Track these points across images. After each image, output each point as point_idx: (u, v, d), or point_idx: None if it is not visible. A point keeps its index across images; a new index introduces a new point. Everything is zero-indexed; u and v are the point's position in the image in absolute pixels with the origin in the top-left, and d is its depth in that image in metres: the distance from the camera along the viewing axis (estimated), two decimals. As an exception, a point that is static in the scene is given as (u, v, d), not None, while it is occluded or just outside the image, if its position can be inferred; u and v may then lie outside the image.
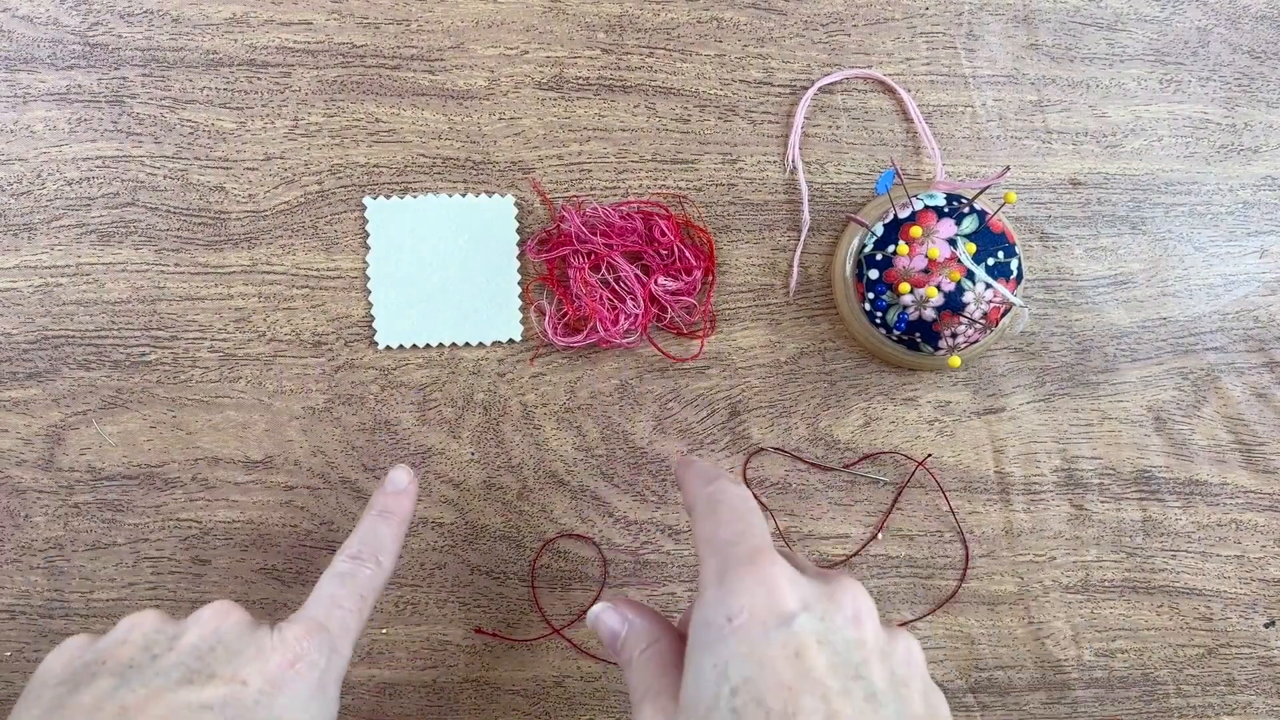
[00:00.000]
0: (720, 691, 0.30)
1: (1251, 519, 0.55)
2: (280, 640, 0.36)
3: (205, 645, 0.36)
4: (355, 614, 0.39)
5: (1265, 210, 0.55)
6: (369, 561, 0.42)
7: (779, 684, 0.29)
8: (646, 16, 0.53)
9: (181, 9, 0.51)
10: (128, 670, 0.34)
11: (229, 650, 0.35)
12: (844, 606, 0.32)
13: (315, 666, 0.36)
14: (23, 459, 0.51)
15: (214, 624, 0.36)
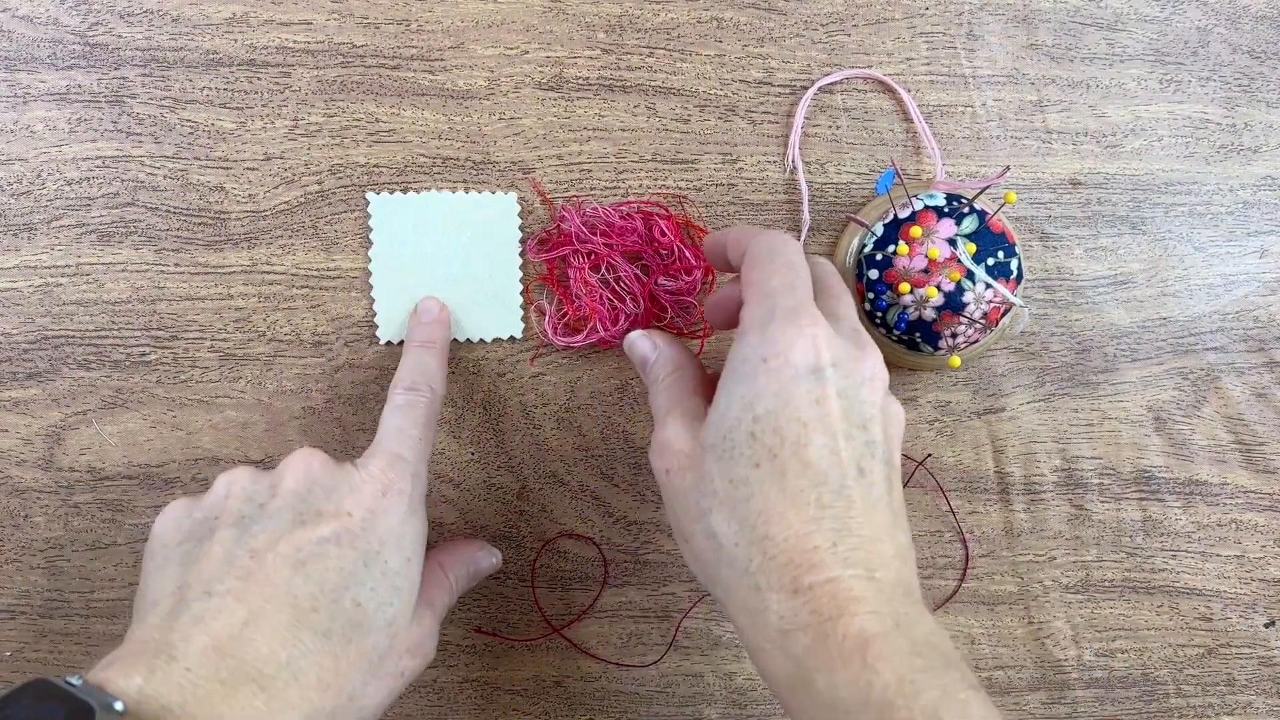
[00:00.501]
0: (744, 416, 0.35)
1: (1251, 519, 0.55)
2: (368, 474, 0.39)
3: (304, 488, 0.38)
4: (423, 440, 0.42)
5: (1265, 210, 0.55)
6: (424, 390, 0.44)
7: (797, 419, 0.34)
8: (646, 16, 0.53)
9: (181, 9, 0.51)
10: (242, 520, 0.37)
11: (325, 489, 0.38)
12: (865, 369, 0.37)
13: (403, 492, 0.39)
14: (23, 459, 0.51)
15: (303, 469, 0.39)
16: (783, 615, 0.33)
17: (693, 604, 0.53)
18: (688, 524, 0.36)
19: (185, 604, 0.35)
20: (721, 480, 0.35)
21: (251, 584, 0.35)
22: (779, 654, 0.33)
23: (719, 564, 0.35)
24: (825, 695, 0.32)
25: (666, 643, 0.53)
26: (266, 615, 0.35)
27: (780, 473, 0.34)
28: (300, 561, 0.36)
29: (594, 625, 0.53)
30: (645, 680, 0.53)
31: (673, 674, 0.54)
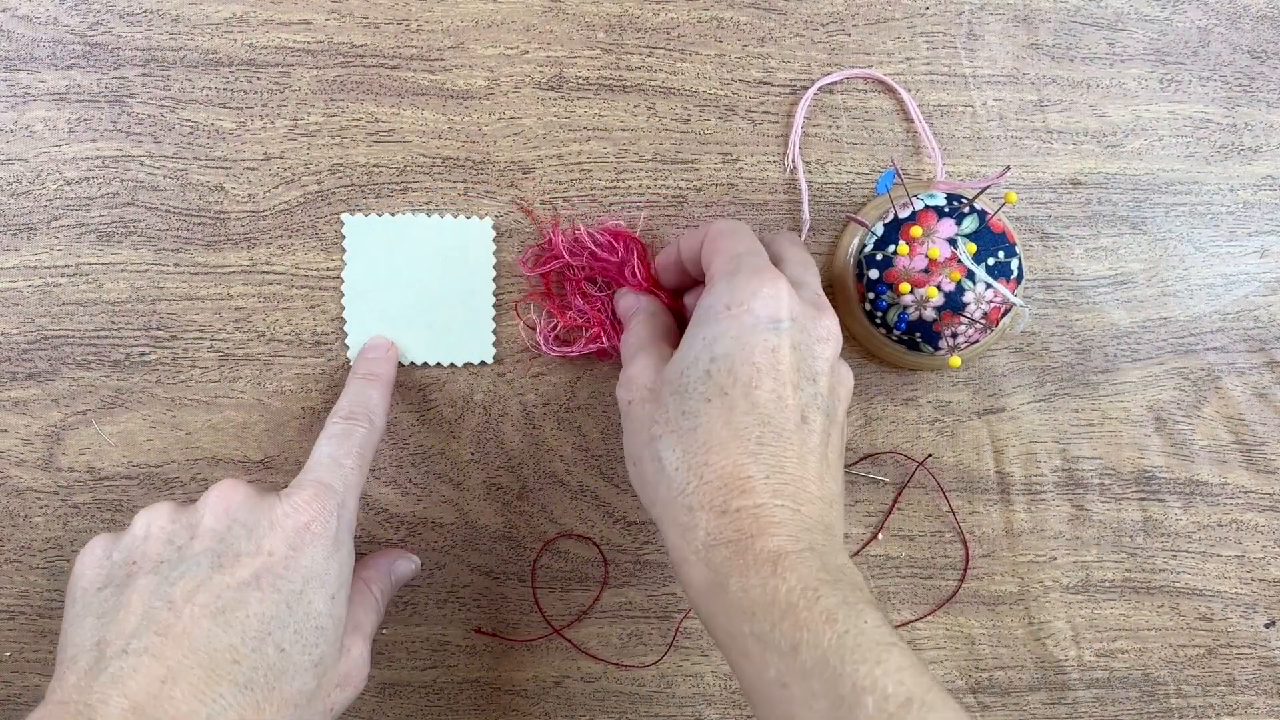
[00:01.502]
0: (703, 355, 0.38)
1: (1252, 519, 0.55)
2: (291, 507, 0.39)
3: (223, 527, 0.38)
4: (356, 470, 0.42)
5: (1266, 210, 0.55)
6: (362, 421, 0.44)
7: (750, 363, 0.38)
8: (646, 16, 0.53)
9: (181, 9, 0.51)
10: (160, 567, 0.37)
11: (246, 527, 0.38)
12: (821, 329, 0.40)
13: (328, 525, 0.39)
14: (22, 459, 0.51)
15: (223, 506, 0.38)
16: (709, 531, 0.36)
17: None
18: (638, 449, 0.39)
19: (103, 662, 0.34)
20: (675, 411, 0.38)
21: (169, 639, 0.34)
22: (700, 564, 0.36)
23: (659, 484, 0.38)
24: (736, 597, 0.35)
25: (666, 643, 0.53)
26: (185, 671, 0.34)
27: (729, 408, 0.37)
28: (219, 610, 0.35)
29: (594, 625, 0.53)
30: (645, 680, 0.53)
31: (673, 674, 0.54)
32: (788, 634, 0.33)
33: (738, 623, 0.35)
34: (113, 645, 0.35)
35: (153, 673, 0.33)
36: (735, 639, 0.35)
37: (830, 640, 0.33)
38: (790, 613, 0.34)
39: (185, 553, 0.37)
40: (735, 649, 0.35)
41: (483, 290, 0.52)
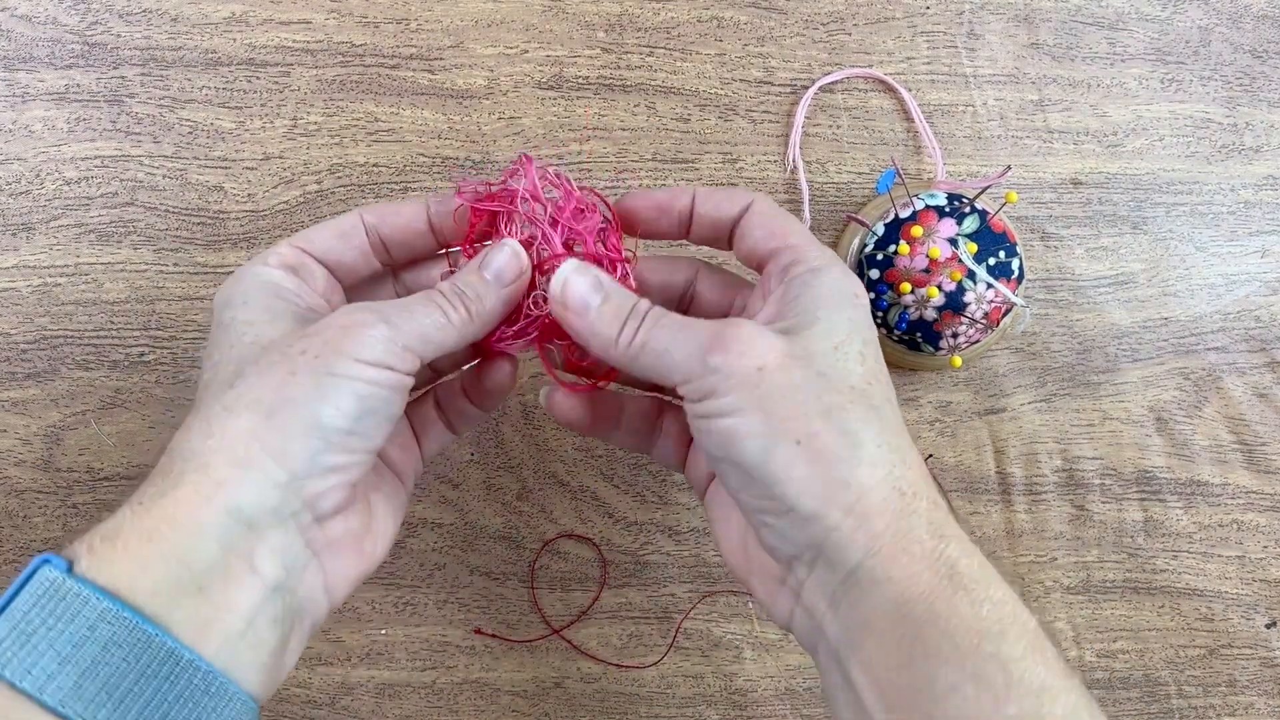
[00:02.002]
0: (854, 337, 0.34)
1: (1253, 519, 0.55)
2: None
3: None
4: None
5: (1266, 210, 0.55)
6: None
7: (879, 358, 0.35)
8: (646, 16, 0.53)
9: (180, 8, 0.51)
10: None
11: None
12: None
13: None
14: (21, 459, 0.51)
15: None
16: (933, 523, 0.32)
17: (693, 605, 0.53)
18: (806, 421, 0.32)
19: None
20: (843, 384, 0.33)
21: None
22: (931, 555, 0.31)
23: (855, 462, 0.32)
24: (984, 608, 0.30)
25: (666, 644, 0.53)
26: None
27: (888, 396, 0.34)
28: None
29: (594, 626, 0.53)
30: (645, 681, 0.53)
31: (673, 675, 0.53)
32: (1039, 673, 0.29)
33: (979, 639, 0.30)
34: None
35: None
36: (968, 658, 0.29)
37: (1077, 696, 0.29)
38: (1038, 648, 0.30)
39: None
40: (963, 670, 0.29)
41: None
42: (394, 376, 0.33)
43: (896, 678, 0.30)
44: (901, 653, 0.30)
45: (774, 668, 0.53)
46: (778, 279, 0.36)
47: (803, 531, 0.32)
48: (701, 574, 0.53)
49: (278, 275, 0.35)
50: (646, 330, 0.34)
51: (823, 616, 0.33)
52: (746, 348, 0.33)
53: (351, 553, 0.35)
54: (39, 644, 0.28)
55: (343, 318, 0.33)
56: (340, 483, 0.33)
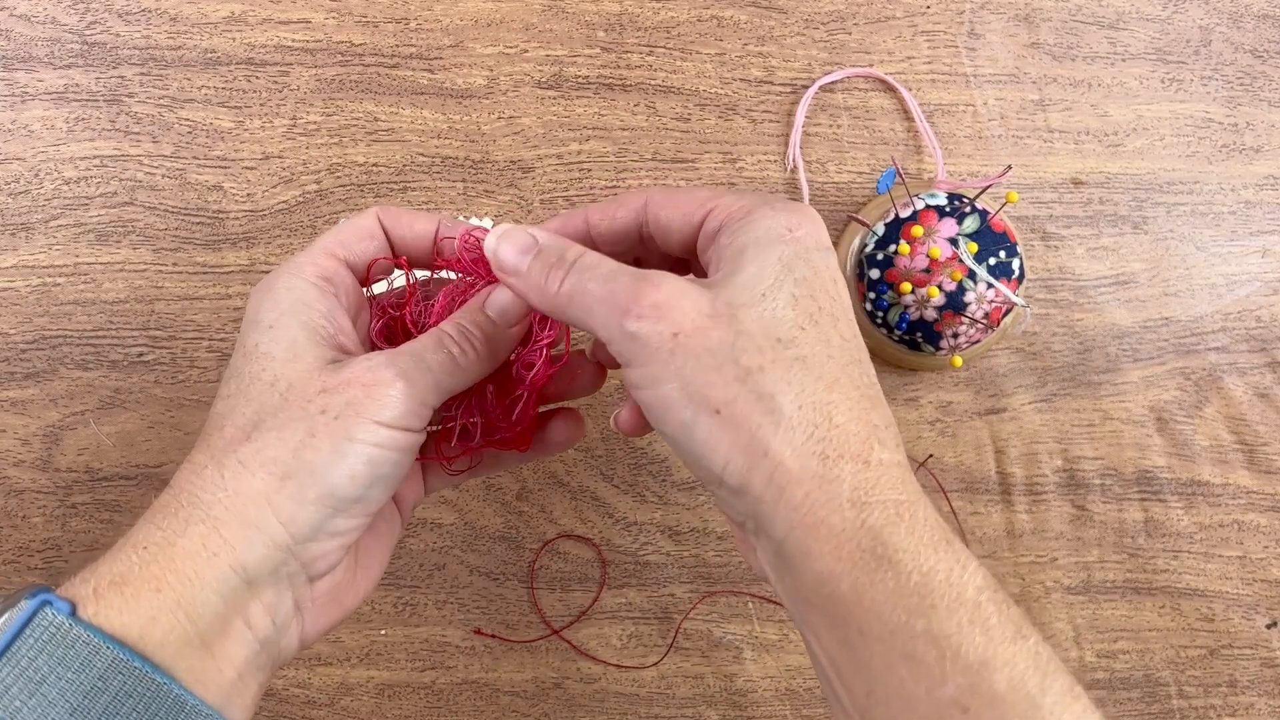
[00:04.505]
0: (784, 278, 0.31)
1: (1254, 520, 0.55)
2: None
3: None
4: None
5: (1267, 210, 0.55)
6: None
7: (825, 292, 0.32)
8: (646, 15, 0.53)
9: (179, 8, 0.51)
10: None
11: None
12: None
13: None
14: (20, 459, 0.51)
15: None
16: (855, 486, 0.29)
17: (693, 605, 0.53)
18: (723, 388, 0.30)
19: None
20: (767, 339, 0.31)
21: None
22: (851, 526, 0.29)
23: (773, 428, 0.30)
24: (912, 580, 0.28)
25: (666, 644, 0.53)
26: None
27: (825, 340, 0.31)
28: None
29: (593, 627, 0.53)
30: (645, 682, 0.53)
31: (672, 675, 0.53)
32: (977, 643, 0.27)
33: (906, 615, 0.28)
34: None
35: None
36: (897, 635, 0.28)
37: (1026, 661, 0.27)
38: (978, 617, 0.28)
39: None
40: (893, 649, 0.28)
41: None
42: (408, 438, 0.33)
43: (840, 656, 0.30)
44: (838, 630, 0.29)
45: (774, 668, 0.53)
46: (708, 240, 0.34)
47: (738, 501, 0.31)
48: (701, 574, 0.53)
49: (312, 293, 0.34)
50: (572, 281, 0.33)
51: (776, 585, 0.32)
52: (663, 312, 0.31)
53: (331, 606, 0.35)
54: (49, 693, 0.27)
55: (363, 373, 0.32)
56: (340, 545, 0.33)
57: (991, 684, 0.27)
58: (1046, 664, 0.28)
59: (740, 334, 0.31)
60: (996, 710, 0.27)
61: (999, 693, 0.27)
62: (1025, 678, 0.27)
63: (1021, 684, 0.27)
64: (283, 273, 0.35)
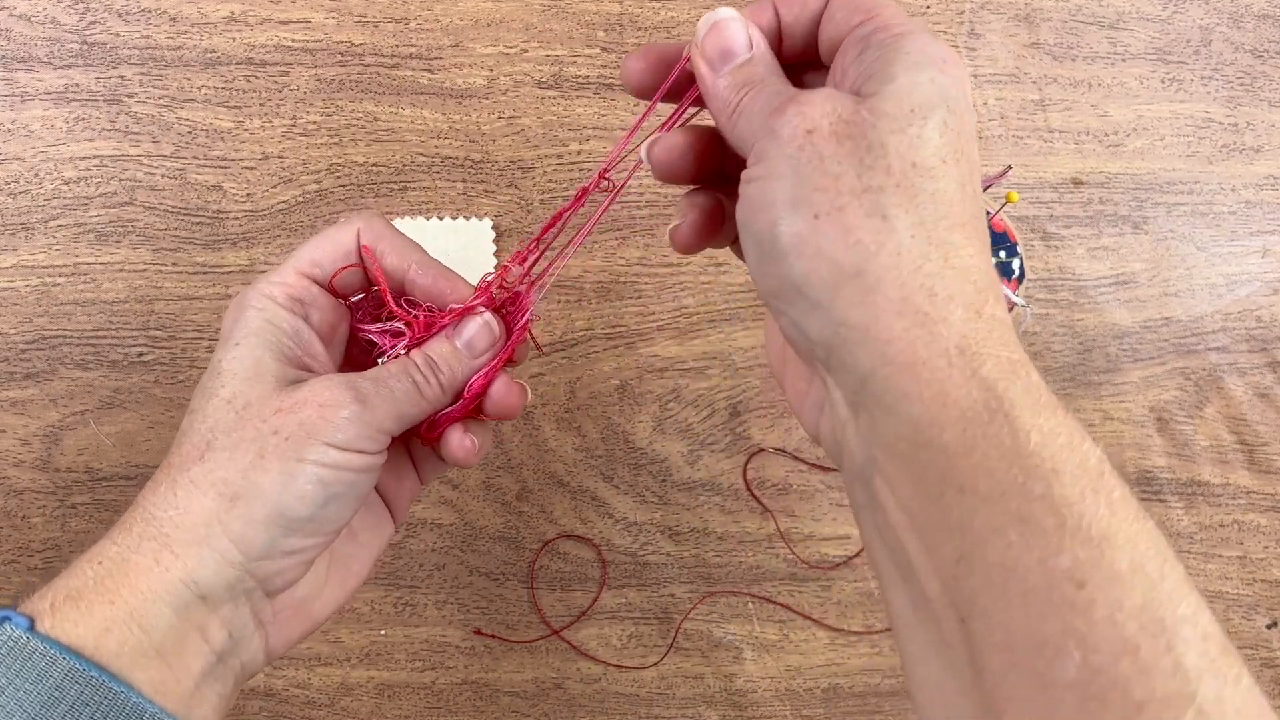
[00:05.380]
0: (938, 101, 0.28)
1: (1254, 520, 0.55)
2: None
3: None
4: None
5: (1268, 210, 0.55)
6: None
7: (969, 136, 0.29)
8: (646, 15, 0.53)
9: (179, 7, 0.51)
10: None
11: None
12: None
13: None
14: (20, 460, 0.51)
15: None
16: (965, 334, 0.27)
17: (693, 605, 0.53)
18: (834, 195, 0.28)
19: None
20: (900, 161, 0.28)
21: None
22: (961, 374, 0.26)
23: (876, 248, 0.27)
24: (1031, 440, 0.25)
25: (666, 644, 0.53)
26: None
27: (961, 182, 0.28)
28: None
29: (593, 627, 0.53)
30: (645, 682, 0.53)
31: (672, 675, 0.53)
32: (1101, 517, 0.25)
33: (1023, 476, 0.25)
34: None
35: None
36: (1009, 497, 0.25)
37: (1148, 542, 0.25)
38: (1102, 488, 0.25)
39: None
40: (1003, 511, 0.25)
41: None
42: (364, 459, 0.32)
43: (926, 511, 0.27)
44: (929, 485, 0.27)
45: (774, 668, 0.53)
46: (856, 47, 0.31)
47: (813, 322, 0.28)
48: (701, 574, 0.53)
49: (280, 314, 0.34)
50: (749, 98, 0.31)
51: (845, 426, 0.29)
52: (805, 109, 0.29)
53: (296, 619, 0.35)
54: (6, 703, 0.28)
55: (320, 393, 0.32)
56: (297, 562, 0.33)
57: (1113, 561, 0.25)
58: (1165, 550, 0.26)
59: (875, 147, 0.28)
60: (1115, 589, 0.24)
61: (1119, 571, 0.25)
62: (1146, 560, 0.25)
63: (1142, 566, 0.25)
64: (254, 291, 0.34)
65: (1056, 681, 0.24)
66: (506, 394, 0.36)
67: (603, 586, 0.53)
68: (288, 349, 0.34)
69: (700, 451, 0.53)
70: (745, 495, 0.53)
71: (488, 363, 0.36)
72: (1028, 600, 0.25)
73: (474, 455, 0.36)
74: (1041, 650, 0.24)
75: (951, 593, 0.26)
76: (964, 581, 0.26)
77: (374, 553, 0.38)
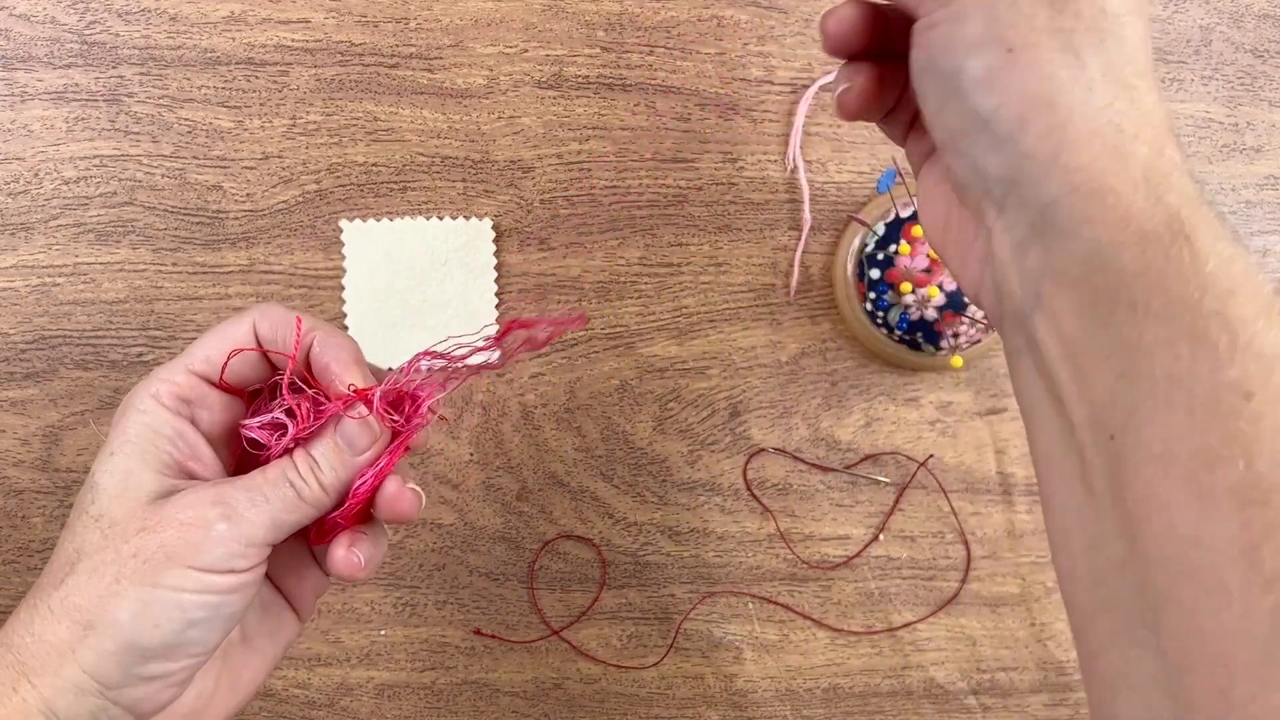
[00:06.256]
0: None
1: (1255, 520, 0.55)
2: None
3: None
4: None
5: (1268, 210, 0.55)
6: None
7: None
8: (646, 14, 0.53)
9: (179, 7, 0.51)
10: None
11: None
12: None
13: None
14: (20, 460, 0.51)
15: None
16: (1152, 168, 0.27)
17: (693, 605, 0.53)
18: (1029, 31, 0.28)
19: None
20: (1090, 6, 0.28)
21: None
22: (1147, 199, 0.27)
23: (1071, 83, 0.28)
24: (1210, 262, 0.26)
25: (666, 644, 0.53)
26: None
27: (1142, 33, 0.29)
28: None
29: (593, 627, 0.53)
30: (645, 682, 0.53)
31: (673, 676, 0.53)
32: (1274, 338, 0.25)
33: (1200, 294, 0.26)
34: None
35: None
36: (1185, 313, 0.26)
37: None
38: (1274, 312, 0.26)
39: None
40: (1177, 326, 0.26)
41: (483, 291, 0.52)
42: (232, 579, 0.31)
43: (1089, 338, 0.28)
44: (1100, 307, 0.27)
45: (774, 668, 0.53)
46: None
47: (996, 156, 0.29)
48: (701, 574, 0.53)
49: (162, 417, 0.32)
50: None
51: (1007, 269, 0.30)
52: None
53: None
54: None
55: (185, 510, 0.31)
56: (165, 685, 0.32)
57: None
58: None
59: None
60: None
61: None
62: None
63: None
64: (140, 392, 0.33)
65: (1216, 487, 0.25)
66: (397, 499, 0.34)
67: (603, 586, 0.53)
68: (167, 456, 0.32)
69: (700, 451, 0.53)
70: (745, 495, 0.53)
71: (373, 460, 0.34)
72: (1194, 410, 0.25)
73: (360, 571, 0.34)
74: (1203, 457, 0.25)
75: (1104, 412, 0.27)
76: (1122, 398, 0.27)
77: (272, 658, 0.36)
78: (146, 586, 0.30)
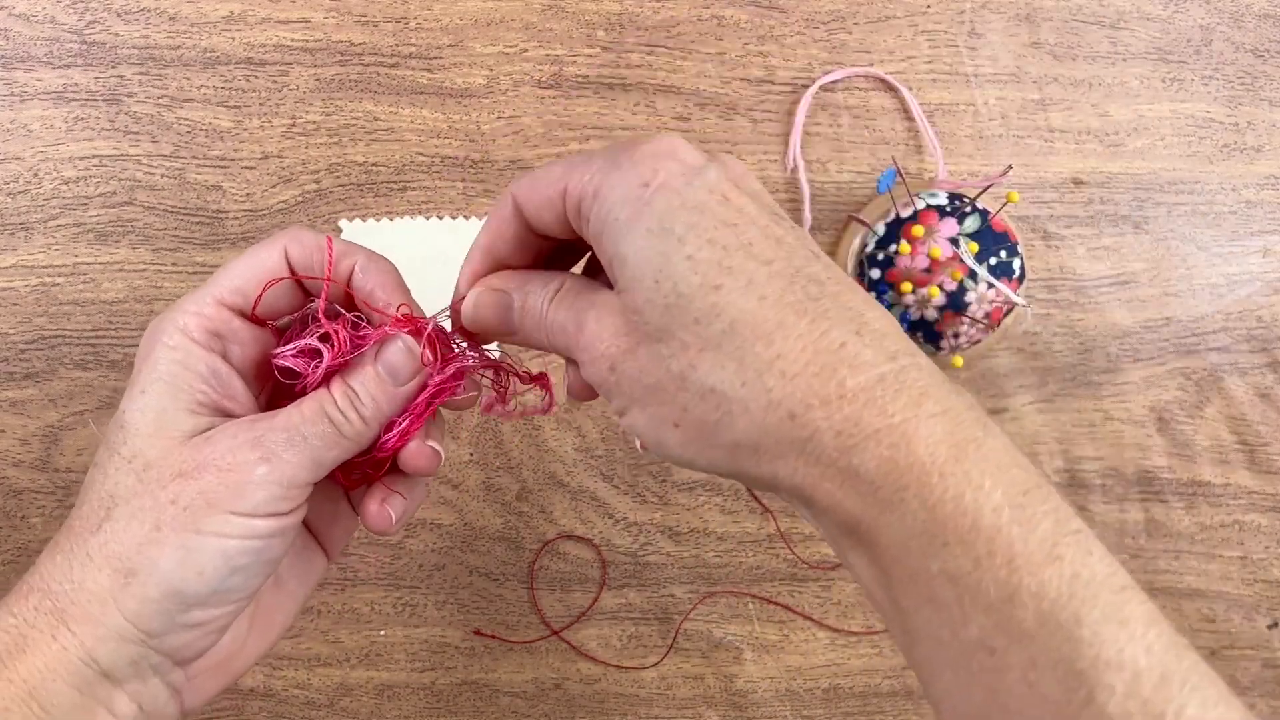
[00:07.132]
0: (668, 247, 0.28)
1: (1255, 520, 0.55)
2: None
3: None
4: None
5: (1268, 210, 0.55)
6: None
7: (722, 222, 0.28)
8: (646, 14, 0.52)
9: (179, 7, 0.51)
10: None
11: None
12: (732, 166, 0.31)
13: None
14: (19, 460, 0.51)
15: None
16: (838, 431, 0.26)
17: (693, 605, 0.53)
18: (670, 403, 0.28)
19: None
20: (685, 330, 0.28)
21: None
22: (845, 479, 0.27)
23: (732, 418, 0.28)
24: (919, 520, 0.26)
25: (666, 645, 0.53)
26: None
27: (748, 280, 0.27)
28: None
29: (593, 627, 0.53)
30: (645, 682, 0.53)
31: (673, 676, 0.53)
32: (999, 577, 0.25)
33: (921, 557, 0.26)
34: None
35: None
36: (917, 578, 0.26)
37: (1058, 588, 0.25)
38: (999, 543, 0.25)
39: None
40: (916, 592, 0.26)
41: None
42: (274, 523, 0.30)
43: (879, 594, 0.28)
44: (874, 570, 0.28)
45: (774, 669, 0.53)
46: (582, 227, 0.30)
47: (751, 484, 0.31)
48: (701, 574, 0.53)
49: (194, 355, 0.31)
50: (547, 315, 0.32)
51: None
52: (592, 351, 0.30)
53: (215, 678, 0.33)
54: None
55: (225, 455, 0.30)
56: (205, 632, 0.31)
57: (1019, 621, 0.25)
58: (1085, 586, 0.26)
59: (661, 338, 0.28)
60: (1025, 649, 0.25)
61: (1027, 630, 0.25)
62: (1056, 609, 0.25)
63: (1051, 617, 0.25)
64: (169, 323, 0.31)
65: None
66: (416, 455, 0.33)
67: (603, 587, 0.53)
68: (201, 394, 0.31)
69: (700, 451, 0.53)
70: (745, 495, 0.53)
71: (414, 394, 0.32)
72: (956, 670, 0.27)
73: (391, 526, 0.34)
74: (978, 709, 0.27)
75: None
76: (912, 652, 0.28)
77: (301, 599, 0.36)
78: (190, 533, 0.29)
